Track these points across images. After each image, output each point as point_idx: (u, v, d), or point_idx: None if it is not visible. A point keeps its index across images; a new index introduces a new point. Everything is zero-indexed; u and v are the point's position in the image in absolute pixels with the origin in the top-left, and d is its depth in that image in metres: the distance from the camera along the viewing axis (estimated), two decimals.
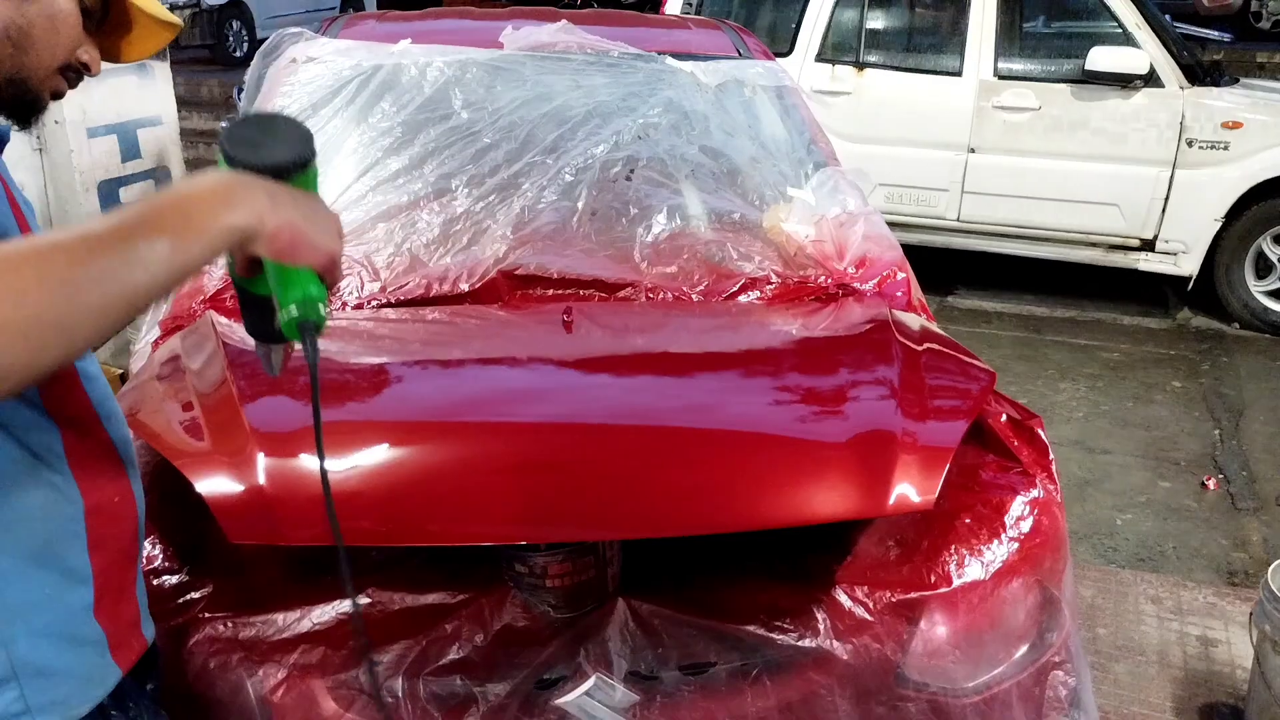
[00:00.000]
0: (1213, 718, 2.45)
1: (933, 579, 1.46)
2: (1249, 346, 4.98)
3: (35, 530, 0.95)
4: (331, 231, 0.85)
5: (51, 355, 0.72)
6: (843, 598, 1.42)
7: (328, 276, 0.86)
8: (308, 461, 1.34)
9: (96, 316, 0.73)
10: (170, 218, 0.76)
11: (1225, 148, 4.90)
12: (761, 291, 2.04)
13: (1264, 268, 5.07)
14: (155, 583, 1.34)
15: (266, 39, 2.59)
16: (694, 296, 2.01)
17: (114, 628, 1.03)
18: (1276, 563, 2.33)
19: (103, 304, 0.72)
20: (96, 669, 1.02)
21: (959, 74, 5.31)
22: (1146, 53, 4.94)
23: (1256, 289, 5.08)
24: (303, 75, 2.35)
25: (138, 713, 1.09)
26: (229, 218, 0.77)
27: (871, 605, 1.42)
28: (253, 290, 0.90)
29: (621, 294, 2.00)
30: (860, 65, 5.49)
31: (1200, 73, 5.10)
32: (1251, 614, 2.31)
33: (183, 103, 5.23)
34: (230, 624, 1.32)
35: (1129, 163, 5.06)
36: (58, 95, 1.02)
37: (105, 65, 1.07)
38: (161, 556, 1.37)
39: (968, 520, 1.53)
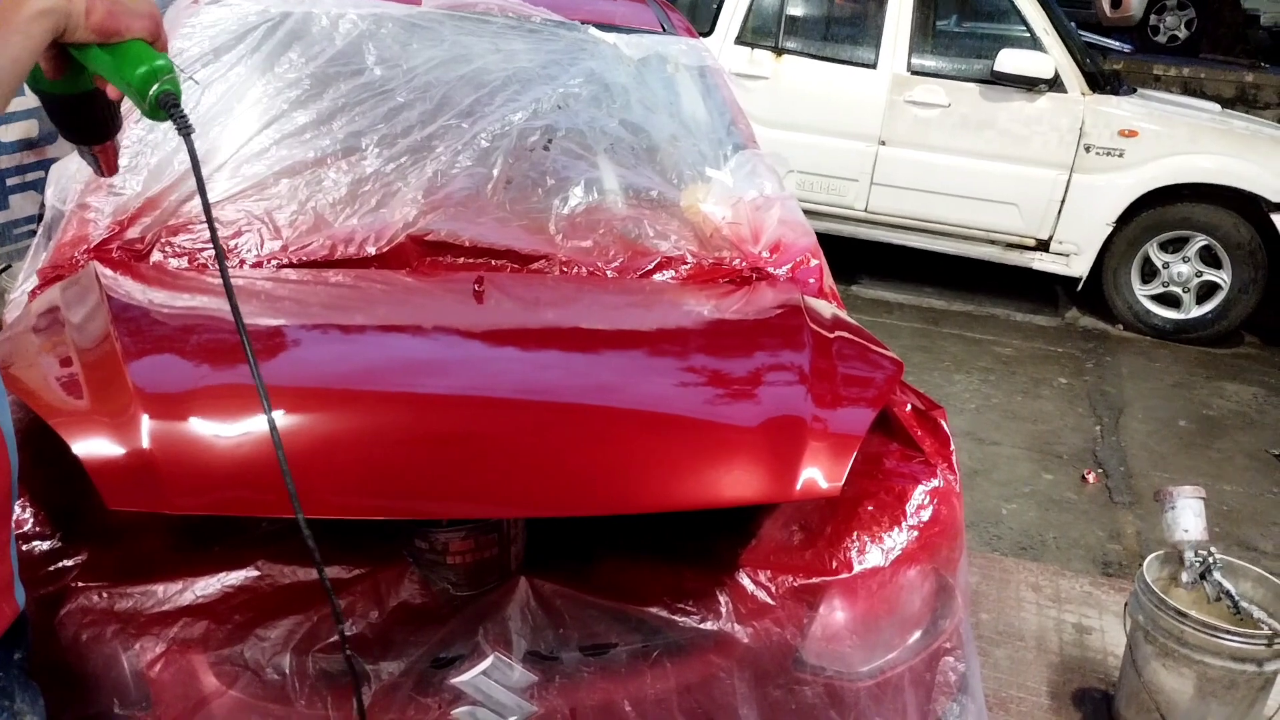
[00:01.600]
0: (1084, 702, 2.56)
1: (834, 565, 1.47)
2: (1131, 347, 5.21)
3: None
4: None
5: None
6: (745, 581, 1.42)
7: (158, 42, 0.84)
8: (195, 426, 1.27)
9: None
10: None
11: (1120, 155, 5.09)
12: (676, 271, 2.02)
13: (1149, 273, 5.30)
14: (25, 548, 1.25)
15: None
16: (608, 272, 1.98)
17: None
18: (1150, 556, 2.44)
19: None
20: None
21: (874, 66, 5.39)
22: (1052, 58, 5.09)
23: (1141, 293, 5.31)
24: (205, 17, 2.22)
25: (7, 682, 1.02)
26: (33, 4, 0.74)
27: (773, 589, 1.42)
28: (63, 92, 0.86)
29: (535, 266, 1.95)
30: (779, 51, 5.52)
31: (1101, 81, 5.29)
32: (1126, 604, 2.42)
33: None
34: (106, 594, 1.24)
35: (1030, 164, 5.22)
36: None
37: None
38: (32, 521, 1.28)
39: (870, 507, 1.54)
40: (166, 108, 0.82)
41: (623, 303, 1.93)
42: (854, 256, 5.73)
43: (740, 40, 5.55)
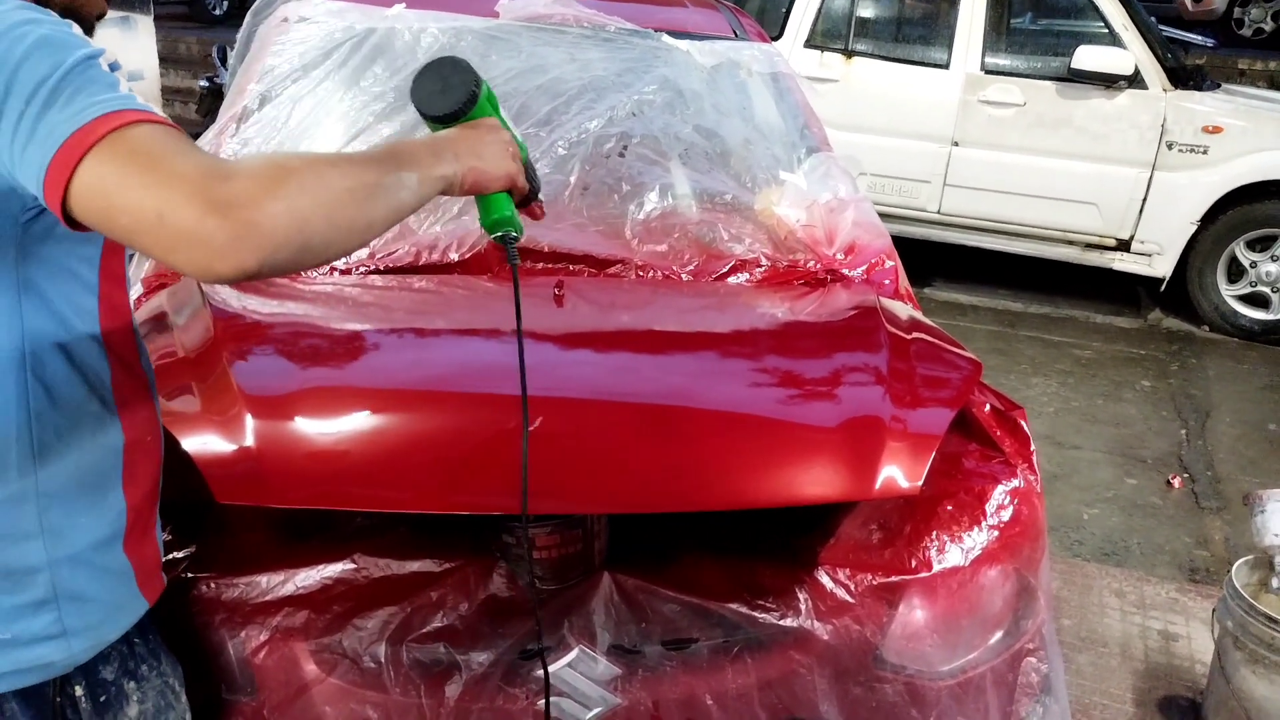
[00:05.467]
0: (1171, 710, 2.50)
1: (913, 563, 1.48)
2: (1218, 349, 5.06)
3: (83, 460, 0.99)
4: (505, 157, 1.06)
5: (355, 244, 0.90)
6: (825, 579, 1.44)
7: (515, 192, 1.10)
8: (297, 423, 1.34)
9: (382, 219, 0.91)
10: (408, 162, 0.95)
11: (1204, 152, 4.95)
12: (751, 274, 2.04)
13: (1236, 272, 5.14)
14: None
15: None
16: (684, 276, 2.01)
17: (140, 562, 1.07)
18: (1239, 561, 2.38)
19: (386, 212, 0.91)
20: (126, 599, 1.07)
21: (946, 67, 5.33)
22: (1132, 54, 4.98)
23: (1228, 293, 5.15)
24: (294, 35, 2.31)
25: (155, 645, 1.15)
26: (440, 169, 0.99)
27: (853, 587, 1.44)
28: None
29: (612, 270, 1.99)
30: (849, 53, 5.49)
31: (1183, 76, 5.15)
32: (1214, 610, 2.36)
33: (161, 60, 5.13)
34: (214, 585, 1.31)
35: (1109, 162, 5.11)
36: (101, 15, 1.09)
37: None
38: None
39: (949, 507, 1.55)
40: (504, 246, 1.13)
41: (699, 305, 1.96)
42: (927, 259, 5.66)
43: (810, 43, 5.53)
